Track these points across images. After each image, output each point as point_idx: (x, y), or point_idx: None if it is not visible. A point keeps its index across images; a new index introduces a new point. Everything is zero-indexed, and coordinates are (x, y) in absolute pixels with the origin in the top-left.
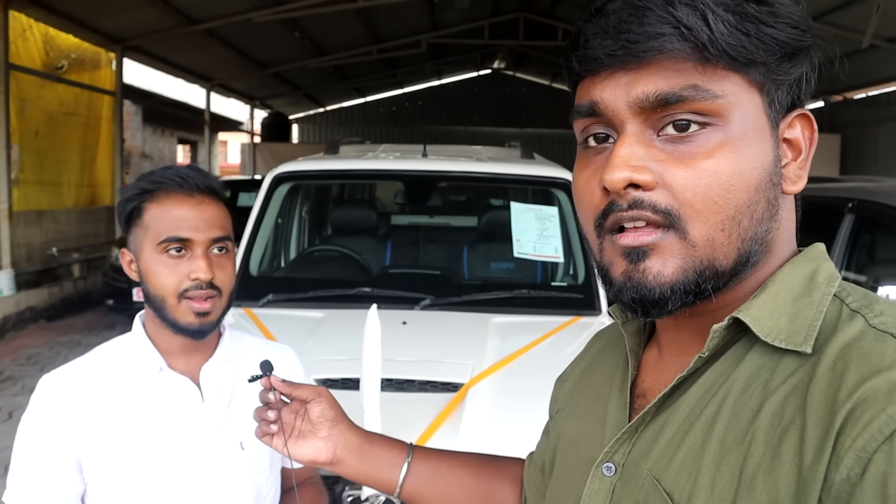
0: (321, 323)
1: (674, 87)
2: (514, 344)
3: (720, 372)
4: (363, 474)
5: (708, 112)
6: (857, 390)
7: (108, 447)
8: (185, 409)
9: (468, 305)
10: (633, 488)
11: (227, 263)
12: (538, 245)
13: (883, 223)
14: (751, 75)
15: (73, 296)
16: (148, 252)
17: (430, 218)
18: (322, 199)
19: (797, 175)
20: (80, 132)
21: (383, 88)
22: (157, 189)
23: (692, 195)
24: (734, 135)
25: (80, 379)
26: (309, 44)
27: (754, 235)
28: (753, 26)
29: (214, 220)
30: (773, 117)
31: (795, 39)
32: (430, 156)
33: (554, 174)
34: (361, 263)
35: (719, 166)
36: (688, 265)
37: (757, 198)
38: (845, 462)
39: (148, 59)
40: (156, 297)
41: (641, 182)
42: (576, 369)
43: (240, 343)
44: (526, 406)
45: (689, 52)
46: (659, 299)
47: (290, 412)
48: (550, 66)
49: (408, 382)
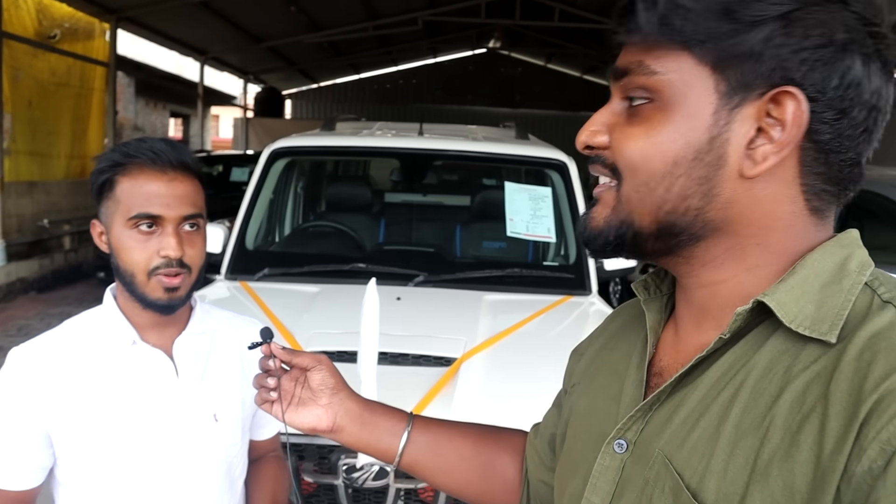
0: (316, 297)
1: (625, 63)
2: (506, 321)
3: (740, 354)
4: (363, 443)
5: (646, 86)
6: (885, 381)
7: (79, 420)
8: (159, 383)
9: (461, 283)
10: (643, 466)
11: (197, 240)
12: (531, 225)
13: (871, 210)
14: (699, 53)
15: (65, 268)
16: (118, 226)
17: (424, 196)
18: (317, 176)
19: (763, 157)
20: (72, 103)
21: (378, 65)
22: (130, 162)
23: (618, 156)
24: (666, 109)
25: (51, 352)
26: (304, 18)
27: (674, 208)
28: (704, 4)
29: (187, 196)
30: (729, 95)
31: (752, 11)
32: (426, 134)
33: (548, 155)
34: (356, 239)
35: (640, 134)
36: (612, 217)
37: (676, 171)
38: (868, 454)
39: (142, 31)
40: (125, 272)
41: (593, 143)
42: (593, 344)
43: (211, 316)
44: (518, 380)
45: (640, 34)
46: (588, 238)
47: (290, 380)
48: (546, 46)
49: (402, 356)
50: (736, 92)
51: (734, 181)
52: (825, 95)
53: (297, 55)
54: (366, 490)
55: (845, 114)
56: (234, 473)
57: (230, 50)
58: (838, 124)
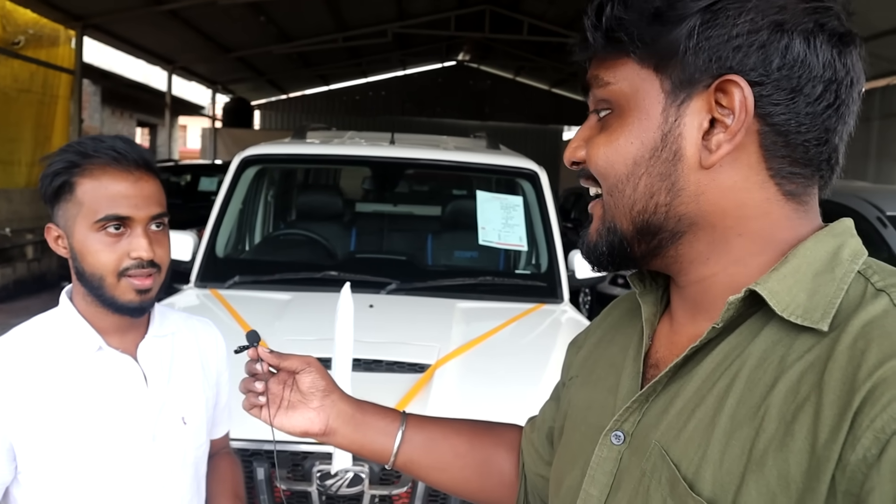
0: (288, 305)
1: (589, 77)
2: (479, 328)
3: (734, 345)
4: (356, 444)
5: (603, 97)
6: (878, 370)
7: (46, 429)
8: (128, 388)
9: (434, 291)
10: (640, 457)
11: (164, 239)
12: (503, 233)
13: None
14: (640, 57)
15: (27, 277)
16: (82, 229)
17: (395, 206)
18: (287, 185)
19: (717, 145)
20: (34, 110)
21: (347, 77)
22: (89, 162)
23: (591, 166)
24: (622, 115)
25: (10, 359)
26: (274, 29)
27: (644, 207)
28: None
29: (153, 196)
30: (674, 93)
31: (677, 8)
32: (398, 143)
33: (520, 164)
34: (327, 248)
35: (603, 142)
36: (601, 227)
37: (637, 171)
38: (862, 442)
39: (109, 39)
40: (92, 276)
41: (576, 158)
42: (591, 337)
43: (168, 319)
44: (492, 385)
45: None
46: (587, 256)
47: (278, 383)
48: (515, 59)
49: (375, 363)
50: (681, 88)
51: (696, 173)
52: (770, 77)
53: (267, 65)
54: (340, 497)
55: (798, 91)
56: (199, 473)
57: (198, 59)
58: (793, 104)
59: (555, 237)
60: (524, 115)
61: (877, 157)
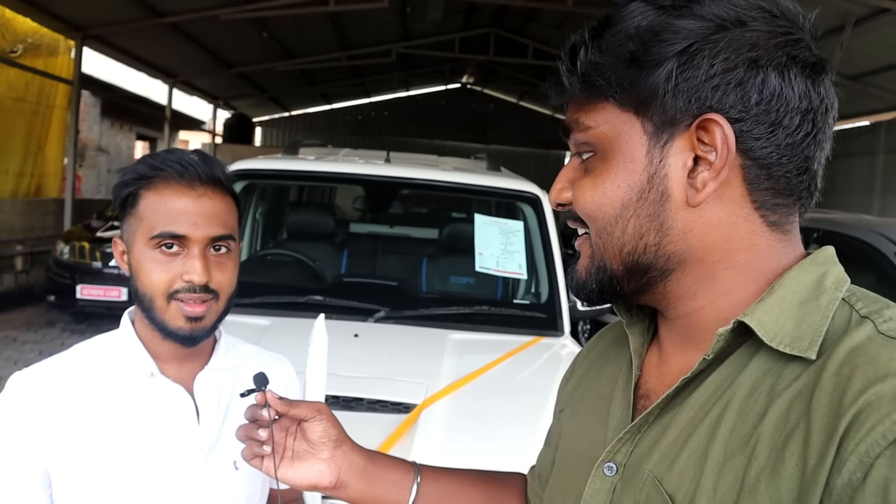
0: (267, 331)
1: (568, 121)
2: (472, 363)
3: (725, 375)
4: (369, 498)
5: (585, 141)
6: (863, 395)
7: (84, 457)
8: (177, 422)
9: (425, 320)
10: (633, 489)
11: (227, 264)
12: (501, 260)
13: (847, 255)
14: (620, 101)
15: (14, 289)
16: (140, 245)
17: (391, 228)
18: (279, 202)
19: (703, 184)
20: (29, 120)
21: (350, 96)
22: (156, 175)
23: (579, 208)
24: (606, 158)
25: (57, 379)
26: (277, 45)
27: (634, 248)
28: (611, 56)
29: (216, 215)
30: (656, 134)
31: (654, 52)
32: (393, 162)
33: (520, 187)
34: (315, 270)
35: (589, 185)
36: (590, 265)
37: (626, 214)
38: (847, 466)
39: (109, 50)
40: (144, 296)
41: (562, 200)
42: (578, 368)
43: (236, 350)
44: (484, 432)
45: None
46: (576, 292)
47: (281, 430)
48: (519, 83)
49: (356, 401)
50: (663, 129)
51: (683, 212)
52: (749, 113)
53: (269, 82)
54: None
55: (777, 124)
56: None
57: (200, 74)
58: (773, 136)
59: (556, 265)
60: (526, 140)
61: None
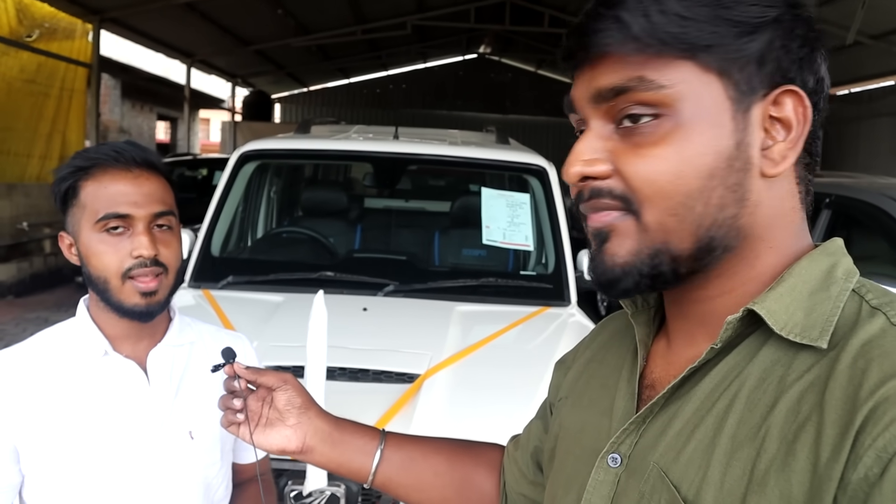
0: (279, 307)
1: (622, 80)
2: (476, 334)
3: (733, 365)
4: (334, 462)
5: (654, 102)
6: (880, 389)
7: (47, 435)
8: (130, 396)
9: (433, 293)
10: (638, 480)
11: (171, 239)
12: (508, 232)
13: (859, 220)
14: (704, 60)
15: (44, 272)
16: (86, 232)
17: (406, 202)
18: (293, 180)
19: (781, 156)
20: (53, 104)
21: (367, 70)
22: (93, 165)
23: (641, 182)
24: (684, 123)
25: (20, 364)
26: (292, 22)
27: (714, 221)
28: (700, 10)
29: (154, 194)
30: (739, 100)
31: (751, 15)
32: (401, 138)
33: (527, 160)
34: (327, 246)
35: (667, 154)
36: (642, 247)
37: (712, 184)
38: (864, 461)
39: (126, 32)
40: (98, 279)
41: (593, 173)
42: (580, 357)
43: (191, 328)
44: (484, 399)
45: (634, 46)
46: (613, 279)
47: (257, 400)
48: (536, 52)
49: (362, 372)
50: (745, 95)
51: (759, 182)
52: (807, 90)
53: (286, 59)
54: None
55: (817, 107)
56: (213, 496)
57: (217, 53)
58: (815, 116)
59: (563, 236)
60: (546, 109)
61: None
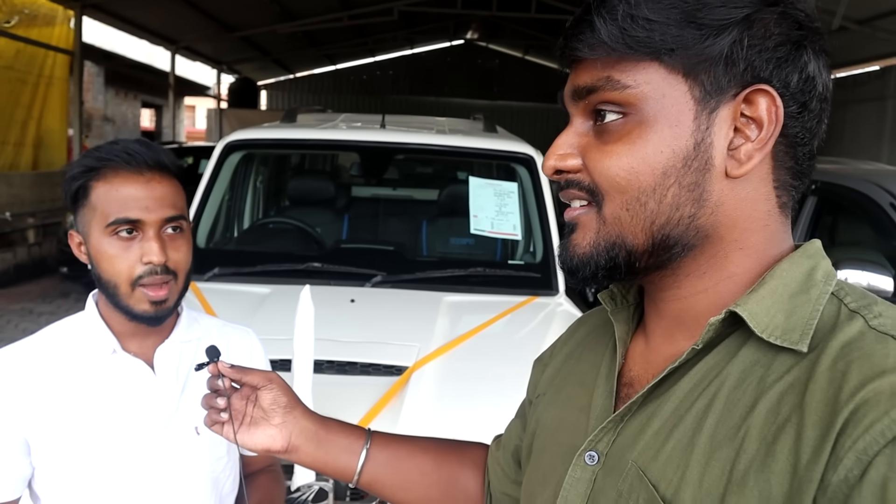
0: (266, 299)
1: (593, 80)
2: (465, 324)
3: (712, 365)
4: (319, 462)
5: (619, 101)
6: (860, 391)
7: (57, 430)
8: (137, 393)
9: (421, 283)
10: (615, 478)
11: (181, 244)
12: (496, 222)
13: (844, 206)
14: (669, 62)
15: (28, 262)
16: (96, 235)
17: (393, 190)
18: (280, 169)
19: (748, 156)
20: (33, 92)
21: (354, 56)
22: (104, 166)
23: (600, 177)
24: (645, 121)
25: (30, 358)
26: (277, 7)
27: (668, 219)
28: (669, 12)
29: (166, 198)
30: (705, 100)
31: (716, 17)
32: (388, 127)
33: (514, 148)
34: (314, 237)
35: (625, 151)
36: (599, 240)
37: (666, 182)
38: (844, 463)
39: (108, 18)
40: (108, 283)
41: (564, 167)
42: (558, 354)
43: (198, 324)
44: (472, 392)
45: (603, 50)
46: (573, 268)
47: (241, 398)
48: (524, 38)
49: (349, 364)
50: (711, 95)
51: (721, 183)
52: (789, 90)
53: (272, 45)
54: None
55: (805, 107)
56: (222, 490)
57: (202, 39)
58: (802, 118)
59: (550, 225)
60: (534, 95)
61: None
